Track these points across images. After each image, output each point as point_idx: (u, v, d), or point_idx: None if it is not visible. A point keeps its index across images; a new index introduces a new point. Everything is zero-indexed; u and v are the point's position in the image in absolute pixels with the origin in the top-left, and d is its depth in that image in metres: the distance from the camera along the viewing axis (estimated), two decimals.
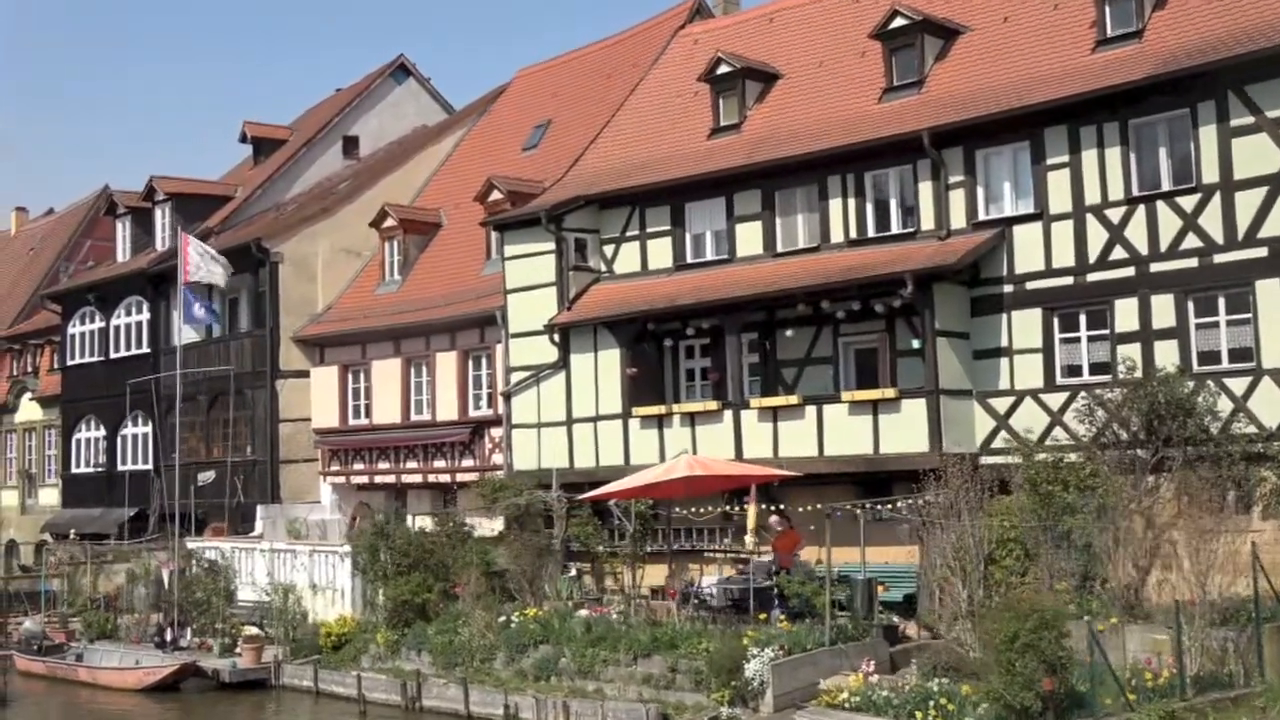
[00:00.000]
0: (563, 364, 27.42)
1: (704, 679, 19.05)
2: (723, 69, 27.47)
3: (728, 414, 24.70)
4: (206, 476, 34.72)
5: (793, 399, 23.90)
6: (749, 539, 21.70)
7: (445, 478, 30.61)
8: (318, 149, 40.71)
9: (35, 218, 59.50)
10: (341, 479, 33.40)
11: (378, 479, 32.42)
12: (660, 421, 25.73)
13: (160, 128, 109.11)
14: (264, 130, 43.15)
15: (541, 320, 27.68)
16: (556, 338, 27.41)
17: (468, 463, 30.02)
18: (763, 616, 20.60)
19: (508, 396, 28.48)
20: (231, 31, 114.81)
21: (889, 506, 21.57)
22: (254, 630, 26.90)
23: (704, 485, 23.34)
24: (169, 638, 27.24)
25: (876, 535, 23.14)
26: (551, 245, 27.72)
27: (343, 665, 24.21)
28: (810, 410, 23.60)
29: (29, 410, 45.86)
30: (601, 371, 26.74)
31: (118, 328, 40.27)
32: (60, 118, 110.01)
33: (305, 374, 34.09)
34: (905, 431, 22.30)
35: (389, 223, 33.62)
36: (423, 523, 29.50)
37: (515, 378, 28.31)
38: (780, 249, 25.43)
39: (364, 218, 34.91)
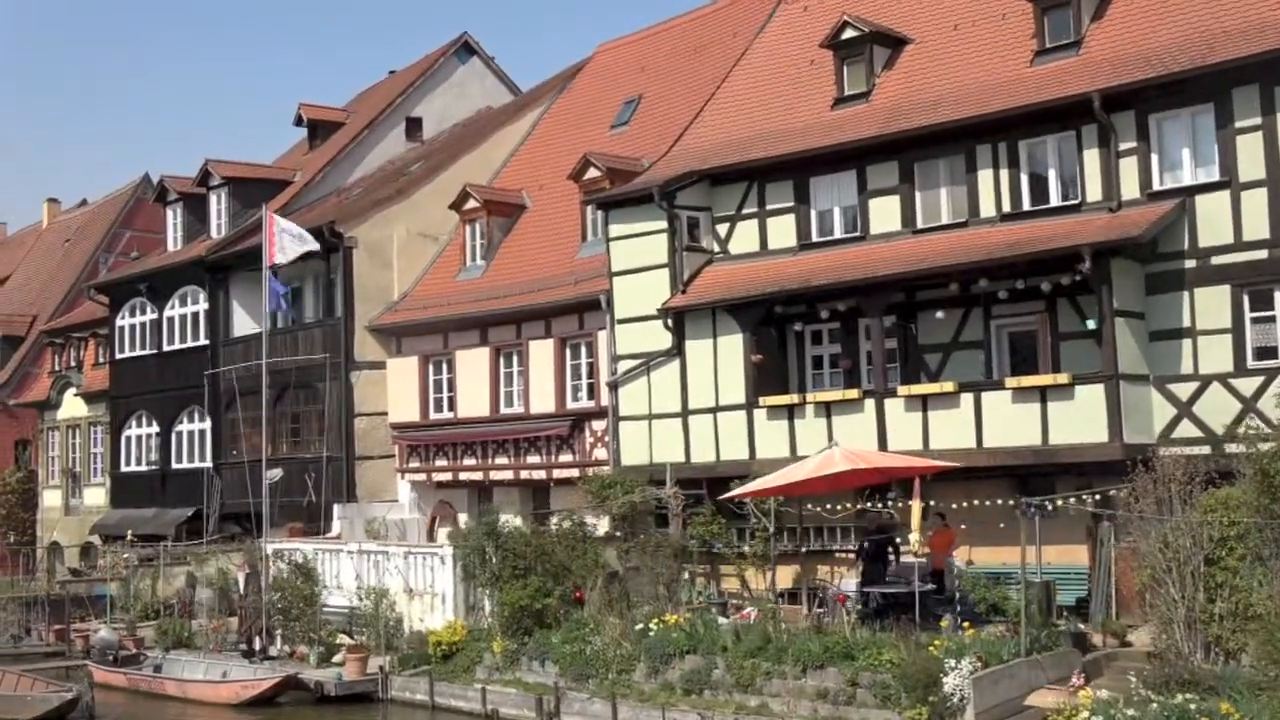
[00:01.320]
0: (677, 351, 25.54)
1: (892, 694, 17.16)
2: (848, 34, 25.57)
3: (869, 403, 22.83)
4: (273, 474, 32.58)
5: (947, 386, 21.99)
6: (914, 538, 19.77)
7: (540, 474, 28.68)
8: (380, 131, 38.85)
9: (68, 209, 57.71)
10: (421, 476, 31.48)
11: (462, 476, 30.48)
12: (790, 412, 23.85)
13: (161, 126, 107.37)
14: (320, 112, 41.27)
15: (652, 304, 25.80)
16: (670, 323, 25.52)
17: (565, 458, 28.11)
18: (944, 623, 18.73)
19: (614, 386, 26.60)
20: (253, 21, 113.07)
21: (1075, 501, 19.68)
22: (350, 639, 25.00)
23: (844, 481, 21.48)
24: (257, 647, 25.31)
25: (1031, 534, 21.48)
26: (662, 224, 25.86)
27: (456, 677, 22.29)
28: (966, 398, 21.70)
29: (73, 406, 43.92)
30: (721, 358, 24.86)
31: (171, 319, 38.37)
32: (67, 112, 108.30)
33: (381, 365, 32.18)
34: (1079, 420, 20.41)
35: (471, 204, 31.70)
36: (514, 522, 27.77)
37: (622, 366, 26.43)
38: (921, 225, 23.56)
39: (439, 200, 33.04)
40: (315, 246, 29.07)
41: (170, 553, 32.07)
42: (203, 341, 36.92)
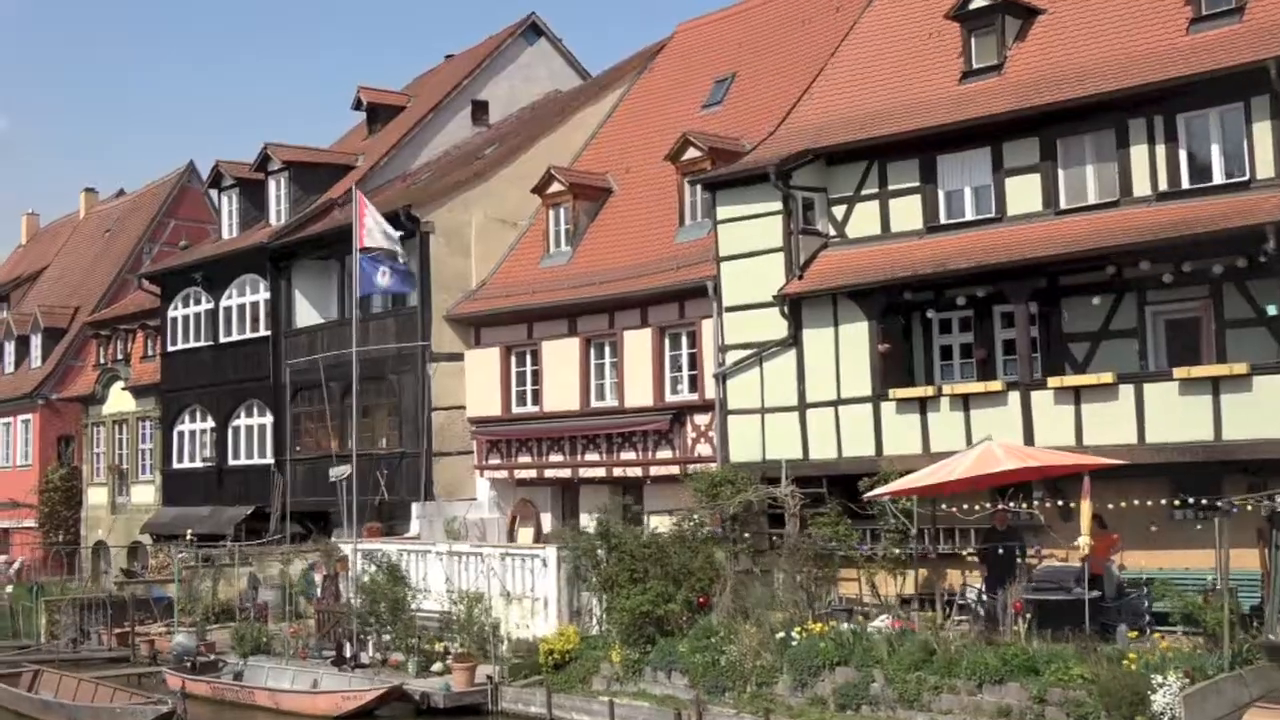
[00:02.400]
0: (793, 340, 23.96)
1: (1089, 712, 15.63)
2: (977, 3, 23.99)
3: (1013, 396, 21.26)
4: (341, 471, 31.13)
5: (1105, 377, 20.38)
6: (1084, 542, 18.22)
7: (636, 471, 27.06)
8: (444, 114, 37.35)
9: (106, 198, 56.26)
10: (503, 473, 29.90)
11: (548, 473, 28.89)
12: (923, 405, 22.29)
13: (194, 114, 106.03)
14: (380, 96, 39.84)
15: (763, 291, 24.23)
16: (786, 310, 23.96)
17: (664, 454, 26.51)
18: (1133, 634, 17.20)
19: (722, 378, 25.02)
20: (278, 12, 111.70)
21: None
22: (442, 646, 23.52)
23: (986, 478, 19.90)
24: (348, 654, 23.76)
25: (1181, 537, 19.95)
26: (776, 205, 24.28)
27: (572, 688, 20.78)
28: (1125, 390, 20.10)
29: (120, 400, 42.34)
30: (844, 348, 23.29)
31: (228, 309, 36.86)
32: (99, 101, 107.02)
33: (458, 357, 30.61)
34: (1258, 415, 18.81)
35: (555, 188, 30.11)
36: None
37: (731, 357, 24.85)
38: (1064, 205, 21.95)
39: (516, 185, 31.52)
40: (400, 251, 27.66)
41: (242, 552, 30.49)
42: (263, 333, 35.41)
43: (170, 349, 38.75)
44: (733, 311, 24.88)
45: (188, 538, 33.52)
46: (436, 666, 22.62)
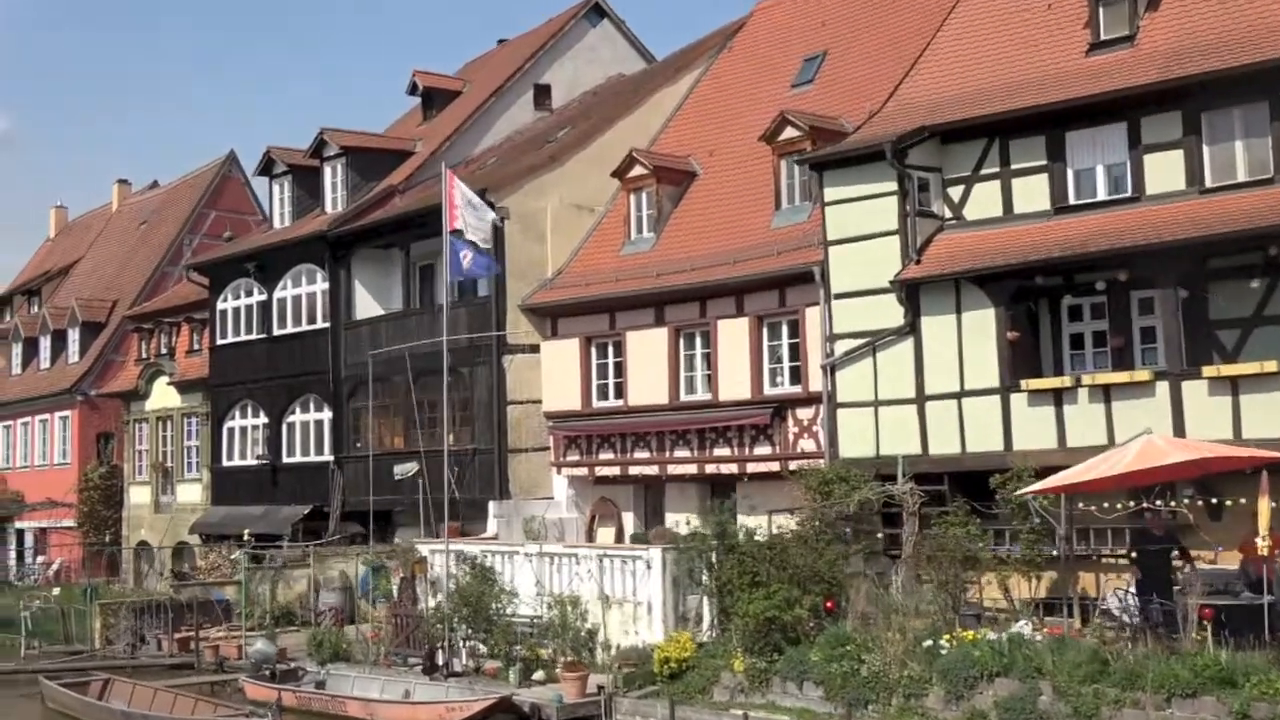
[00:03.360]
0: (910, 328, 22.58)
1: None
2: None
3: (1161, 386, 19.87)
4: (407, 469, 29.85)
5: (1268, 365, 18.92)
6: (1264, 543, 16.84)
7: (731, 468, 25.63)
8: (506, 98, 36.06)
9: (139, 190, 54.96)
10: (582, 470, 28.47)
11: (632, 470, 27.46)
12: (1058, 397, 20.91)
13: (217, 106, 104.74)
14: (436, 80, 38.53)
15: (875, 277, 22.85)
16: (903, 296, 22.58)
17: (762, 450, 25.10)
18: None
19: (831, 369, 23.63)
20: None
21: None
22: (539, 652, 22.18)
23: (1132, 476, 18.49)
24: (440, 661, 22.37)
25: None
26: (889, 186, 22.89)
27: (692, 699, 19.39)
28: None
29: (164, 396, 40.90)
30: (967, 336, 21.92)
31: (282, 301, 35.48)
32: (125, 93, 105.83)
33: (534, 348, 29.21)
34: None
35: (637, 171, 28.68)
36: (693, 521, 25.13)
37: (840, 346, 23.47)
38: (1210, 184, 20.56)
39: (592, 169, 30.14)
40: (488, 233, 26.19)
41: (317, 553, 29.15)
42: (320, 325, 34.04)
43: (220, 342, 37.36)
44: (842, 298, 23.50)
45: (245, 538, 32.16)
46: (538, 675, 21.26)
